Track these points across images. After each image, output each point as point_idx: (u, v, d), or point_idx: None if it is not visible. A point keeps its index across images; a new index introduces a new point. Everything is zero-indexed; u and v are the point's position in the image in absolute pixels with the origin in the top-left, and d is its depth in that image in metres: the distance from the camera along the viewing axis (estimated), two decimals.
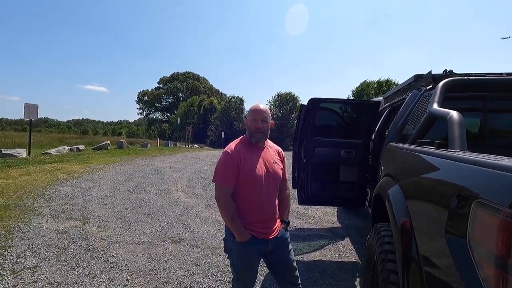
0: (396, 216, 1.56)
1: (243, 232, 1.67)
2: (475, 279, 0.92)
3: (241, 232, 1.67)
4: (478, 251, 0.92)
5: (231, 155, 1.68)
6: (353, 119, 4.03)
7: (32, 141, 11.65)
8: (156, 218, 4.46)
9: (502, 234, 0.83)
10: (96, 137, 32.74)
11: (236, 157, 1.67)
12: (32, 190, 5.75)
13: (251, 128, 1.73)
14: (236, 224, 1.67)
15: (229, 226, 1.70)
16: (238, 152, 1.69)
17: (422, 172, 1.49)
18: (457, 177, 1.13)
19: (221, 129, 35.02)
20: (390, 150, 2.27)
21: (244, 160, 1.68)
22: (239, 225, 1.67)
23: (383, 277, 1.57)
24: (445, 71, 2.27)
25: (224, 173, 1.68)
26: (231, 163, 1.67)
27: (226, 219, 1.69)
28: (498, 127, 2.55)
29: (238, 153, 1.69)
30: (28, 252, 3.12)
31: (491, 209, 0.87)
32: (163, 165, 9.97)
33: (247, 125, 1.77)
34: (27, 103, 10.89)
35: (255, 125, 1.71)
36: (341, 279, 2.86)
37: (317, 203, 4.13)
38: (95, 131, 68.65)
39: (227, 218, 1.68)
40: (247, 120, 1.77)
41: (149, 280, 2.71)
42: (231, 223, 1.67)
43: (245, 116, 1.81)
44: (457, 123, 1.47)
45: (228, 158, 1.68)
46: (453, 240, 1.04)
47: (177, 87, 59.94)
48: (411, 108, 2.40)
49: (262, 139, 1.76)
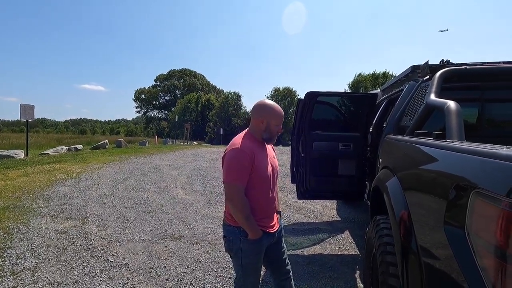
0: (394, 208, 1.55)
1: (257, 229, 1.65)
2: (474, 269, 0.91)
3: (255, 230, 1.64)
4: (477, 241, 0.92)
5: (246, 152, 1.58)
6: (350, 112, 4.02)
7: (29, 142, 11.59)
8: (155, 216, 4.46)
9: (500, 224, 0.82)
10: (94, 136, 32.60)
11: (250, 153, 1.59)
12: (31, 191, 5.73)
13: (273, 131, 1.70)
14: (251, 222, 1.62)
15: (243, 224, 1.63)
16: (249, 148, 1.61)
17: (420, 163, 1.48)
18: (455, 167, 1.12)
19: (220, 126, 34.99)
20: (388, 143, 2.26)
21: (256, 156, 1.63)
22: (253, 223, 1.63)
23: (383, 269, 1.57)
24: (442, 61, 2.25)
25: (238, 171, 1.58)
26: (245, 160, 1.57)
27: (240, 218, 1.62)
28: (496, 116, 2.54)
29: (250, 150, 1.61)
30: (27, 253, 3.12)
31: (489, 199, 0.86)
32: (162, 162, 9.95)
33: (267, 126, 1.68)
34: (23, 104, 10.81)
35: (278, 131, 1.71)
36: (341, 272, 2.87)
37: (316, 197, 4.13)
38: (93, 130, 68.38)
39: (241, 216, 1.61)
40: (268, 122, 1.67)
41: (150, 278, 2.71)
42: (246, 221, 1.61)
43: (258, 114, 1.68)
44: (454, 113, 1.45)
45: (241, 155, 1.58)
46: (451, 231, 1.04)
47: (174, 84, 59.70)
48: (409, 99, 2.39)
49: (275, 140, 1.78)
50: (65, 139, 20.84)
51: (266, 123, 1.68)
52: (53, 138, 20.64)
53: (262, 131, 1.70)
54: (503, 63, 2.22)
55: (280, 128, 1.71)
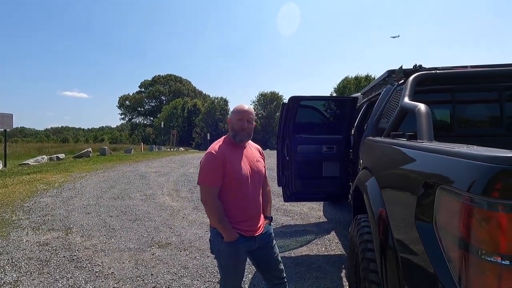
0: (373, 207, 1.62)
1: (231, 232, 1.68)
2: (442, 261, 0.98)
3: (229, 232, 1.67)
4: (444, 234, 0.99)
5: (215, 155, 1.67)
6: (333, 115, 4.13)
7: (8, 152, 11.17)
8: (142, 223, 4.40)
9: (463, 217, 0.89)
10: (77, 144, 31.72)
11: (220, 157, 1.66)
12: (10, 202, 5.53)
13: (236, 127, 1.74)
14: (224, 225, 1.67)
15: (217, 227, 1.69)
16: (221, 152, 1.69)
17: (394, 163, 1.56)
18: (424, 165, 1.19)
19: (207, 131, 34.80)
20: (367, 144, 2.34)
21: (229, 159, 1.68)
22: (227, 225, 1.67)
23: (364, 265, 1.63)
24: (415, 66, 2.37)
25: (209, 174, 1.67)
26: (215, 163, 1.66)
27: (214, 221, 1.69)
28: (466, 117, 2.68)
29: (222, 153, 1.68)
30: (7, 267, 3.02)
31: (453, 194, 0.93)
32: (148, 170, 9.81)
33: (231, 124, 1.77)
34: (1, 113, 10.44)
35: (241, 125, 1.73)
36: (327, 272, 2.94)
37: (302, 199, 4.20)
38: (76, 138, 66.39)
39: (215, 219, 1.68)
40: (232, 120, 1.77)
41: (137, 286, 2.68)
42: (219, 224, 1.67)
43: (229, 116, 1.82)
44: (424, 115, 1.54)
45: (212, 159, 1.67)
46: (422, 226, 1.10)
47: (159, 90, 58.96)
48: (385, 102, 2.49)
49: (246, 138, 1.78)
50: (46, 148, 20.13)
51: (231, 121, 1.78)
52: (33, 148, 19.93)
53: (231, 130, 1.78)
54: (470, 67, 2.36)
55: (244, 124, 1.73)
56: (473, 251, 0.85)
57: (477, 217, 0.84)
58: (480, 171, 0.83)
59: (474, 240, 0.85)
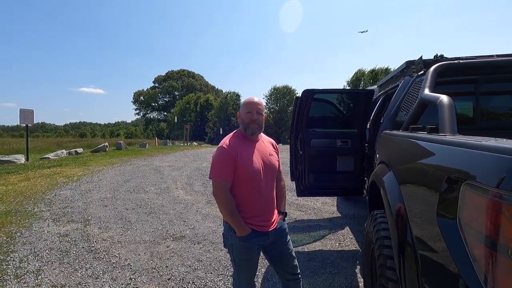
0: (390, 202, 1.57)
1: (243, 226, 1.66)
2: (466, 259, 0.93)
3: (241, 227, 1.66)
4: (468, 231, 0.94)
5: (227, 150, 1.65)
6: (348, 108, 4.04)
7: (30, 147, 11.61)
8: (156, 216, 4.48)
9: (490, 214, 0.84)
10: (94, 139, 32.62)
11: (232, 151, 1.64)
12: (32, 195, 5.75)
13: (245, 120, 1.71)
14: (236, 220, 1.65)
15: (229, 221, 1.68)
16: (233, 146, 1.66)
17: (414, 157, 1.50)
18: (447, 160, 1.14)
19: (219, 126, 35.01)
20: (384, 138, 2.27)
21: (240, 154, 1.66)
22: (239, 220, 1.66)
23: (380, 262, 1.59)
24: (436, 56, 2.27)
25: (220, 168, 1.64)
26: (227, 158, 1.64)
27: (226, 215, 1.68)
28: (490, 109, 2.56)
29: (233, 147, 1.66)
30: (30, 257, 3.14)
31: (479, 190, 0.88)
32: (162, 164, 9.97)
33: (241, 117, 1.75)
34: (23, 109, 10.84)
35: (250, 117, 1.70)
36: (342, 267, 2.90)
37: (316, 194, 4.15)
38: (93, 133, 68.31)
39: (226, 213, 1.66)
40: (241, 113, 1.75)
41: (152, 278, 2.73)
42: (231, 218, 1.66)
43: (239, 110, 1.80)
44: (447, 107, 1.47)
45: (223, 153, 1.65)
46: (444, 222, 1.06)
47: (172, 85, 59.69)
48: (404, 94, 2.41)
49: (257, 131, 1.74)
50: (65, 142, 20.83)
51: (241, 115, 1.76)
52: (53, 142, 20.65)
53: (241, 124, 1.76)
54: (496, 56, 2.24)
55: (253, 116, 1.70)
56: (501, 250, 0.81)
57: (506, 214, 0.79)
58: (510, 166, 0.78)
59: (502, 238, 0.80)
